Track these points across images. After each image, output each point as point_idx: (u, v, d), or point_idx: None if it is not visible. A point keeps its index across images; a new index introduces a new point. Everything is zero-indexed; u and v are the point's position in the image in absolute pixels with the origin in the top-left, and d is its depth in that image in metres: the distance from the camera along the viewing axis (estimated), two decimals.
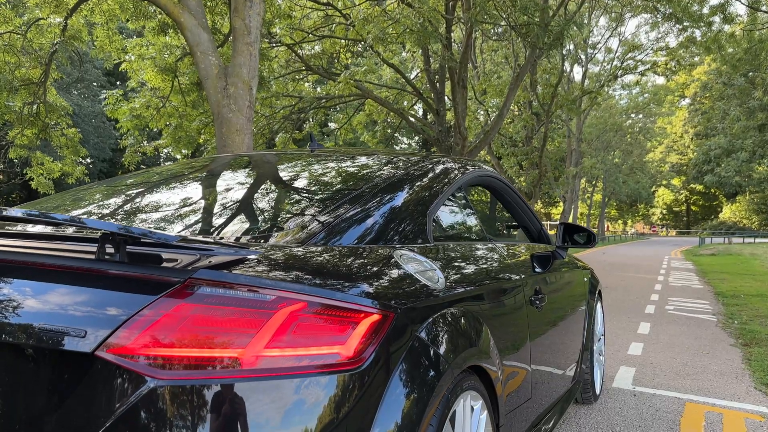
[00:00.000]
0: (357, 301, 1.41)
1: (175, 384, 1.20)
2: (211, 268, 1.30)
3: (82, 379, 1.23)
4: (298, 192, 2.17)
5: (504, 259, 2.52)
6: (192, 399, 1.20)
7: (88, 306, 1.26)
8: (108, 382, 1.21)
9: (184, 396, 1.20)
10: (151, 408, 1.19)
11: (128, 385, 1.20)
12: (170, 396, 1.19)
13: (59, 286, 1.31)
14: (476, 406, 1.82)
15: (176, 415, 1.19)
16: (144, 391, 1.19)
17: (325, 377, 1.29)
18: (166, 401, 1.19)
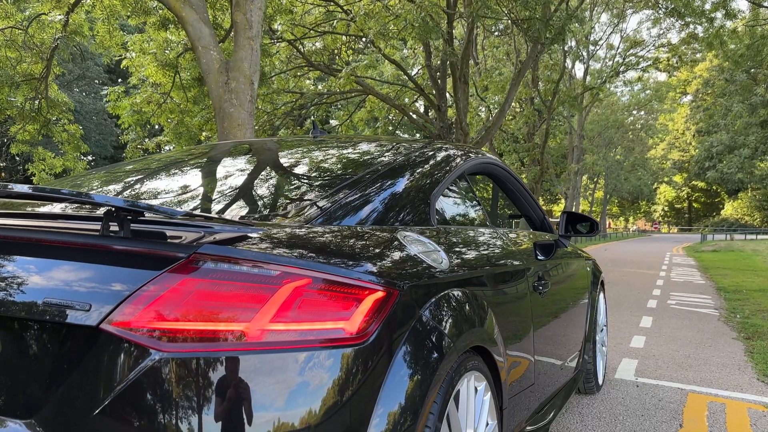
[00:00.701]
0: (361, 277, 1.41)
1: (180, 356, 1.20)
2: (216, 244, 1.30)
3: (87, 352, 1.23)
4: (301, 176, 2.17)
5: (507, 245, 2.51)
6: (197, 371, 1.20)
7: (93, 281, 1.26)
8: (113, 355, 1.21)
9: (189, 368, 1.20)
10: (156, 380, 1.19)
11: (133, 358, 1.20)
12: (175, 368, 1.19)
13: (64, 262, 1.31)
14: (480, 387, 1.82)
15: (181, 386, 1.19)
16: (149, 363, 1.19)
17: (329, 351, 1.29)
18: (171, 373, 1.19)
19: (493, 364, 1.94)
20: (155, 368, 1.19)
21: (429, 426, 1.46)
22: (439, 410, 1.51)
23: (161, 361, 1.19)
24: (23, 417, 1.25)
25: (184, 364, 1.20)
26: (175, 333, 1.21)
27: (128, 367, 1.20)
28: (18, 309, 1.28)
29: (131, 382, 1.19)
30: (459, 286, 1.80)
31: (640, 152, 53.72)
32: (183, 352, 1.20)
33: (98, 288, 1.25)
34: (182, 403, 1.19)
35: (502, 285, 2.21)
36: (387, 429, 1.33)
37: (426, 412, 1.46)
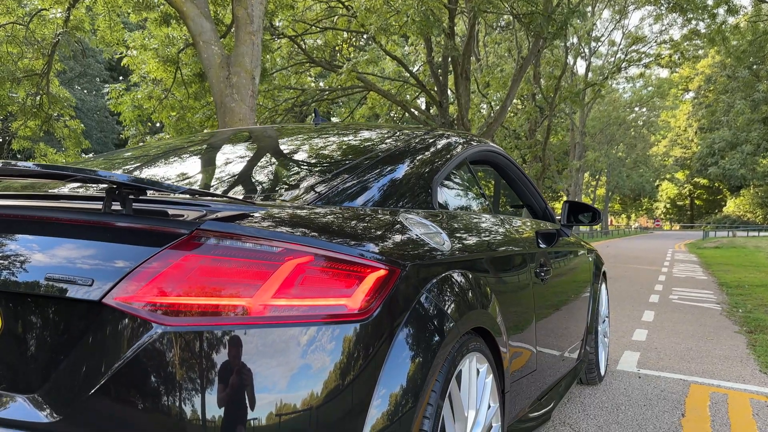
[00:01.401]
0: (363, 255, 1.41)
1: (182, 330, 1.20)
2: (218, 221, 1.30)
3: (89, 327, 1.23)
4: (302, 160, 2.17)
5: (509, 232, 2.51)
6: (199, 345, 1.20)
7: (96, 257, 1.26)
8: (115, 329, 1.21)
9: (192, 342, 1.20)
10: (158, 353, 1.19)
11: (135, 332, 1.20)
12: (177, 342, 1.19)
13: (67, 240, 1.31)
14: (482, 369, 1.82)
15: (183, 360, 1.19)
16: (151, 337, 1.19)
17: (332, 326, 1.29)
18: (173, 347, 1.19)
19: (495, 348, 1.94)
20: (157, 342, 1.19)
21: (431, 404, 1.46)
22: (441, 388, 1.51)
23: (163, 334, 1.19)
24: (26, 392, 1.25)
25: (187, 337, 1.20)
26: (178, 307, 1.21)
27: (130, 341, 1.20)
28: (20, 285, 1.28)
29: (134, 356, 1.19)
30: (461, 268, 1.80)
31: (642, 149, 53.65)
32: (185, 326, 1.20)
33: (101, 264, 1.25)
34: (184, 376, 1.19)
35: (504, 270, 2.21)
36: (390, 404, 1.33)
37: (428, 389, 1.45)
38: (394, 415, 1.34)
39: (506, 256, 2.27)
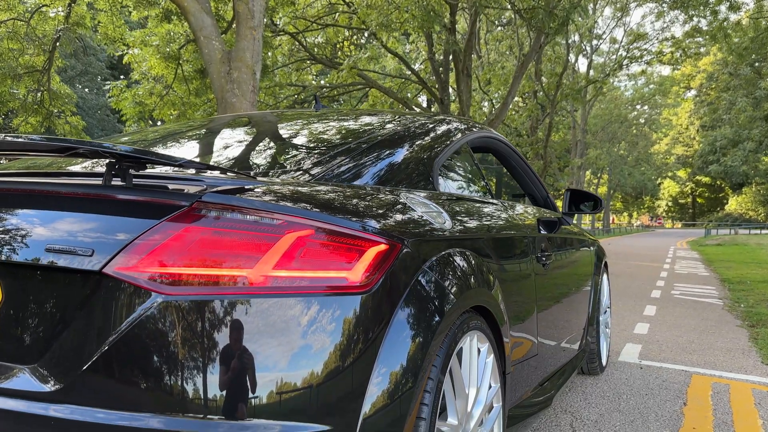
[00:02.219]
0: (364, 229, 1.40)
1: (182, 299, 1.20)
2: (218, 193, 1.30)
3: (90, 297, 1.23)
4: (303, 141, 2.16)
5: (511, 216, 2.50)
6: (199, 314, 1.19)
7: (97, 229, 1.26)
8: (115, 298, 1.21)
9: (192, 311, 1.19)
10: (159, 322, 1.19)
11: (136, 301, 1.20)
12: (177, 311, 1.19)
13: (68, 213, 1.31)
14: (483, 348, 1.81)
15: (183, 329, 1.19)
16: (151, 306, 1.19)
17: (332, 298, 1.28)
18: (172, 315, 1.19)
19: (496, 329, 1.93)
20: (158, 311, 1.19)
21: (432, 378, 1.46)
22: (442, 363, 1.50)
23: (164, 303, 1.19)
24: (27, 362, 1.25)
25: (187, 306, 1.19)
26: (178, 277, 1.21)
27: (130, 310, 1.20)
28: (21, 256, 1.28)
29: (134, 325, 1.19)
30: (462, 247, 1.80)
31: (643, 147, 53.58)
32: (185, 295, 1.20)
33: (101, 236, 1.24)
34: (184, 345, 1.19)
35: (505, 252, 2.20)
36: (391, 376, 1.33)
37: (429, 364, 1.45)
38: (396, 387, 1.33)
39: (507, 238, 2.27)
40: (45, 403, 1.18)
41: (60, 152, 1.36)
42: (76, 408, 1.17)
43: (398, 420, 1.32)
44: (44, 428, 1.17)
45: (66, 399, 1.18)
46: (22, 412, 1.19)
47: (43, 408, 1.18)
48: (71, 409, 1.17)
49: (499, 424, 1.91)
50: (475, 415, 1.74)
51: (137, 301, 1.20)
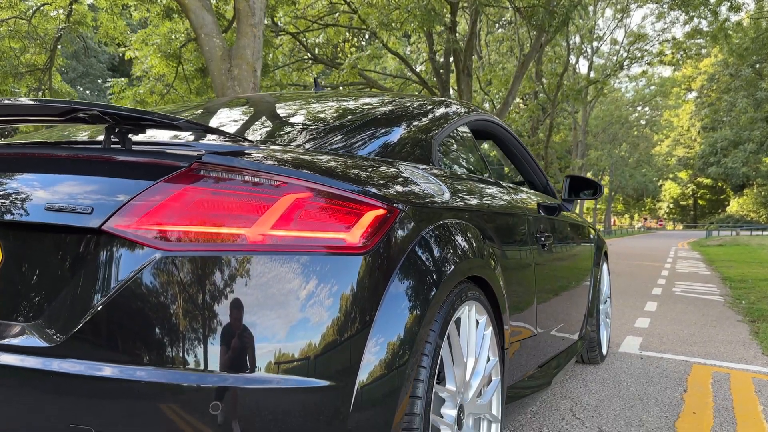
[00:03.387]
0: (363, 193, 1.41)
1: (181, 255, 1.20)
2: (217, 154, 1.31)
3: (89, 254, 1.24)
4: (303, 118, 2.17)
5: (510, 197, 2.51)
6: (198, 270, 1.20)
7: (97, 189, 1.27)
8: (114, 255, 1.22)
9: (190, 267, 1.20)
10: (157, 277, 1.19)
11: (134, 258, 1.21)
12: (176, 266, 1.20)
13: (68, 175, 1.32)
14: (481, 320, 1.82)
15: (181, 284, 1.20)
16: (149, 262, 1.20)
17: (330, 257, 1.29)
18: (171, 271, 1.20)
19: (495, 303, 1.94)
20: (156, 267, 1.20)
21: (430, 342, 1.46)
22: (440, 329, 1.51)
23: (162, 259, 1.20)
24: (28, 320, 1.26)
25: (185, 262, 1.20)
26: (176, 234, 1.21)
27: (129, 266, 1.21)
28: (21, 216, 1.28)
29: (132, 281, 1.19)
30: (460, 218, 1.80)
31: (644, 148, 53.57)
32: (183, 251, 1.21)
33: (101, 195, 1.25)
34: (183, 300, 1.19)
35: (504, 229, 2.21)
36: (389, 336, 1.33)
37: (427, 328, 1.45)
38: (393, 348, 1.33)
39: (506, 215, 2.28)
40: (45, 358, 1.19)
41: (60, 116, 1.37)
42: (76, 362, 1.18)
43: (396, 380, 1.32)
44: (45, 382, 1.18)
45: (66, 354, 1.19)
46: (24, 367, 1.19)
47: (44, 363, 1.19)
48: (71, 363, 1.18)
49: (497, 397, 1.92)
50: (473, 385, 1.75)
51: (136, 258, 1.20)
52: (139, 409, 1.15)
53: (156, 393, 1.15)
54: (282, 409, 1.19)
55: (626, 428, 2.80)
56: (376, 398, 1.29)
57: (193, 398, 1.15)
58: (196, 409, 1.15)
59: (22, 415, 1.19)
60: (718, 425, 2.89)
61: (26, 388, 1.19)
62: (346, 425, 1.24)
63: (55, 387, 1.17)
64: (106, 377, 1.16)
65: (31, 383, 1.19)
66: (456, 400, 1.64)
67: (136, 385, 1.15)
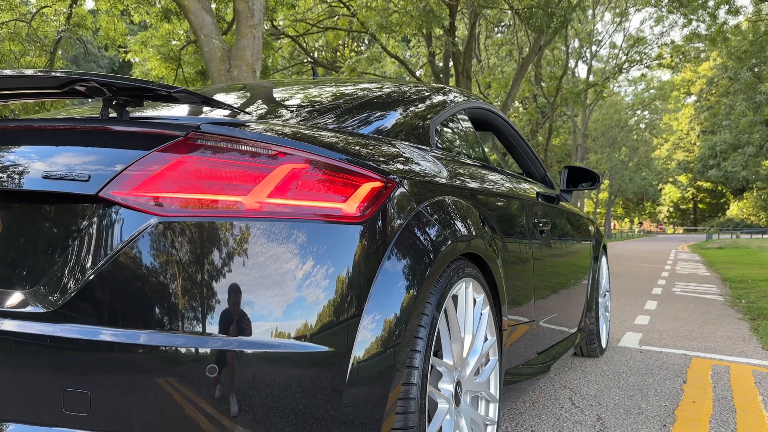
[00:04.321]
0: (359, 164, 1.42)
1: (177, 220, 1.21)
2: (215, 124, 1.31)
3: (86, 220, 1.25)
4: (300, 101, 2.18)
5: (509, 183, 2.51)
6: (194, 236, 1.21)
7: (94, 158, 1.27)
8: (111, 221, 1.23)
9: (186, 233, 1.21)
10: (153, 243, 1.20)
11: (130, 223, 1.21)
12: (172, 232, 1.21)
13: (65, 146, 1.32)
14: (479, 299, 1.82)
15: (177, 249, 1.20)
16: (146, 227, 1.20)
17: (327, 225, 1.29)
18: (167, 237, 1.20)
19: (493, 285, 1.94)
20: (152, 232, 1.20)
21: (426, 314, 1.46)
22: (437, 302, 1.51)
23: (158, 225, 1.20)
24: (27, 287, 1.26)
25: (181, 228, 1.21)
26: (173, 201, 1.22)
27: (125, 232, 1.21)
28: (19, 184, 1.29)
29: (129, 245, 1.20)
30: (457, 196, 1.80)
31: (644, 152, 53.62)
32: (180, 216, 1.21)
33: (99, 164, 1.26)
34: (180, 265, 1.20)
35: (502, 212, 2.21)
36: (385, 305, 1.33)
37: (423, 300, 1.45)
38: (389, 317, 1.33)
39: (505, 198, 2.28)
40: (43, 323, 1.19)
41: (59, 89, 1.37)
42: (73, 326, 1.18)
43: (392, 349, 1.32)
44: (42, 347, 1.18)
45: (64, 319, 1.19)
46: (21, 332, 1.19)
47: (41, 328, 1.19)
48: (69, 327, 1.18)
49: (495, 376, 1.92)
50: (471, 362, 1.75)
51: (133, 223, 1.21)
52: (135, 373, 1.15)
53: (153, 357, 1.15)
54: (278, 374, 1.19)
55: (625, 416, 2.79)
56: (372, 366, 1.29)
57: (190, 362, 1.15)
58: (192, 372, 1.15)
59: (19, 380, 1.19)
60: (717, 413, 2.89)
61: (23, 354, 1.19)
62: (343, 392, 1.24)
63: (52, 352, 1.17)
64: (103, 341, 1.16)
65: (29, 348, 1.19)
66: (453, 375, 1.64)
67: (133, 348, 1.15)
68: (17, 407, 1.18)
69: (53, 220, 1.29)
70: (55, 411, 1.15)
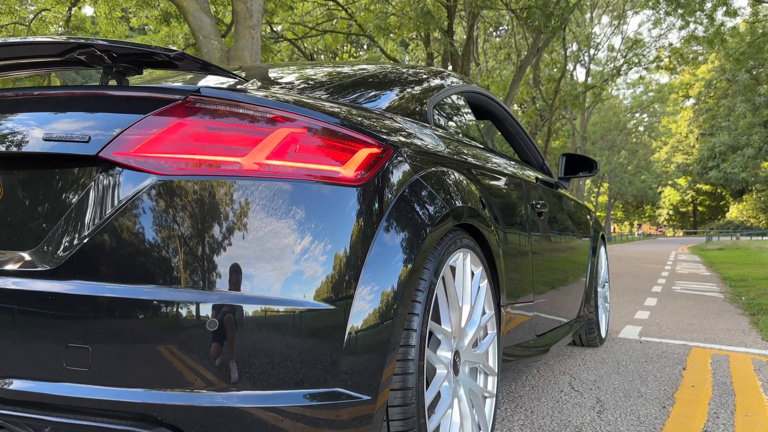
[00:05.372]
0: (357, 130, 1.43)
1: (177, 179, 1.22)
2: (213, 88, 1.33)
3: (86, 181, 1.26)
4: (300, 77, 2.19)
5: (508, 164, 2.53)
6: (192, 193, 1.22)
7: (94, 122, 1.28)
8: (111, 181, 1.24)
9: (185, 190, 1.22)
10: (153, 200, 1.21)
11: (130, 182, 1.23)
12: (171, 189, 1.22)
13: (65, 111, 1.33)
14: (477, 272, 1.83)
15: (178, 206, 1.21)
16: (145, 186, 1.22)
17: (325, 185, 1.30)
18: (167, 194, 1.22)
19: (491, 261, 1.95)
20: (152, 190, 1.22)
21: (424, 279, 1.47)
22: (435, 268, 1.52)
23: (158, 183, 1.22)
24: (29, 248, 1.27)
25: (180, 186, 1.22)
26: (172, 161, 1.23)
27: (126, 190, 1.22)
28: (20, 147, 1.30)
29: (129, 202, 1.21)
30: (455, 169, 1.82)
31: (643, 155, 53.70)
32: (179, 175, 1.22)
33: (98, 127, 1.27)
34: (178, 221, 1.21)
35: (500, 190, 2.23)
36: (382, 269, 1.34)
37: (421, 266, 1.46)
38: (388, 278, 1.34)
39: (502, 176, 2.30)
40: (45, 280, 1.21)
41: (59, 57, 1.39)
42: (75, 283, 1.19)
43: (390, 309, 1.33)
44: (44, 304, 1.19)
45: (65, 276, 1.20)
46: (23, 290, 1.21)
47: (43, 285, 1.20)
48: (70, 284, 1.19)
49: (494, 350, 1.92)
50: (469, 333, 1.76)
51: (132, 182, 1.22)
52: (136, 328, 1.16)
53: (153, 311, 1.16)
54: (276, 329, 1.20)
55: (625, 399, 2.80)
56: (370, 326, 1.30)
57: (190, 316, 1.16)
58: (192, 326, 1.16)
59: (22, 337, 1.20)
60: (717, 396, 2.89)
61: (26, 311, 1.20)
62: (340, 356, 1.25)
63: (54, 309, 1.18)
64: (104, 297, 1.17)
65: (31, 306, 1.20)
66: (451, 343, 1.65)
67: (133, 303, 1.17)
68: (20, 364, 1.19)
69: (54, 182, 1.30)
70: (56, 367, 1.17)
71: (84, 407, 1.16)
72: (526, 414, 2.55)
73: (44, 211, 1.29)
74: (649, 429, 2.38)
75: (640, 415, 2.56)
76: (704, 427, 2.43)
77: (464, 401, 1.70)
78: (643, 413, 2.59)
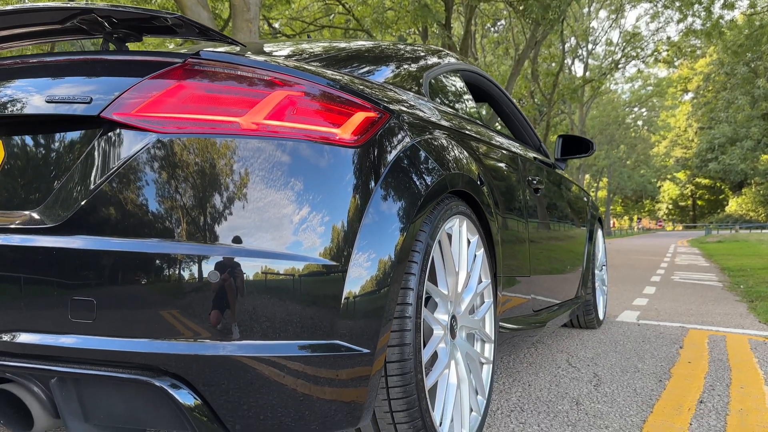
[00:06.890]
0: (354, 94, 1.46)
1: (177, 137, 1.25)
2: (213, 52, 1.35)
3: (89, 141, 1.29)
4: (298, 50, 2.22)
5: (504, 140, 2.56)
6: (193, 152, 1.25)
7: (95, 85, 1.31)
8: (112, 140, 1.26)
9: (186, 147, 1.25)
10: (154, 158, 1.24)
11: (131, 141, 1.25)
12: (172, 147, 1.25)
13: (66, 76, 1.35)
14: (473, 240, 1.86)
15: (177, 166, 1.24)
16: (146, 144, 1.24)
17: (322, 145, 1.33)
18: (168, 151, 1.25)
19: (488, 231, 1.98)
20: (153, 147, 1.24)
21: (421, 240, 1.50)
22: (431, 231, 1.55)
23: (158, 141, 1.24)
24: (32, 208, 1.30)
25: (180, 143, 1.25)
26: (172, 119, 1.26)
27: (127, 149, 1.25)
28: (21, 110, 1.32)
29: (131, 160, 1.24)
30: (450, 137, 1.85)
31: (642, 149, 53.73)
32: (179, 133, 1.25)
33: (99, 90, 1.29)
34: (180, 178, 1.24)
35: (496, 162, 2.25)
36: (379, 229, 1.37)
37: (417, 228, 1.49)
38: (384, 239, 1.37)
39: (498, 149, 2.33)
40: (49, 236, 1.23)
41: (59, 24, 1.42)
42: (79, 238, 1.22)
43: (388, 267, 1.36)
44: (48, 259, 1.22)
45: (69, 231, 1.23)
46: (27, 245, 1.23)
47: (47, 240, 1.23)
48: (74, 239, 1.22)
49: (490, 317, 1.95)
50: (466, 299, 1.79)
51: (134, 141, 1.25)
52: (138, 281, 1.19)
53: (155, 265, 1.19)
54: (275, 284, 1.23)
55: (621, 374, 2.83)
56: (368, 282, 1.32)
57: (191, 269, 1.19)
58: (193, 279, 1.19)
59: (28, 292, 1.23)
60: (713, 371, 2.93)
61: (31, 266, 1.23)
62: (339, 308, 1.28)
63: (58, 263, 1.21)
64: (108, 251, 1.20)
65: (36, 261, 1.23)
66: (448, 306, 1.68)
67: (136, 257, 1.19)
68: (26, 318, 1.22)
69: (56, 144, 1.33)
70: (61, 319, 1.19)
71: (89, 358, 1.19)
72: (523, 387, 2.58)
73: (47, 173, 1.31)
74: (645, 400, 2.42)
75: (637, 388, 2.59)
76: (700, 398, 2.46)
77: (461, 365, 1.73)
78: (640, 386, 2.62)
